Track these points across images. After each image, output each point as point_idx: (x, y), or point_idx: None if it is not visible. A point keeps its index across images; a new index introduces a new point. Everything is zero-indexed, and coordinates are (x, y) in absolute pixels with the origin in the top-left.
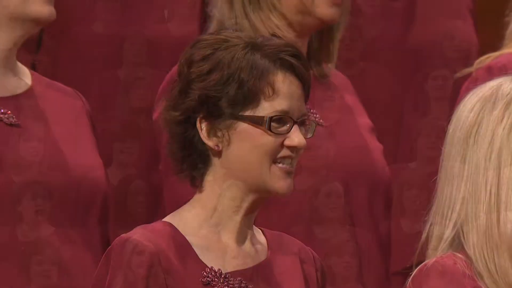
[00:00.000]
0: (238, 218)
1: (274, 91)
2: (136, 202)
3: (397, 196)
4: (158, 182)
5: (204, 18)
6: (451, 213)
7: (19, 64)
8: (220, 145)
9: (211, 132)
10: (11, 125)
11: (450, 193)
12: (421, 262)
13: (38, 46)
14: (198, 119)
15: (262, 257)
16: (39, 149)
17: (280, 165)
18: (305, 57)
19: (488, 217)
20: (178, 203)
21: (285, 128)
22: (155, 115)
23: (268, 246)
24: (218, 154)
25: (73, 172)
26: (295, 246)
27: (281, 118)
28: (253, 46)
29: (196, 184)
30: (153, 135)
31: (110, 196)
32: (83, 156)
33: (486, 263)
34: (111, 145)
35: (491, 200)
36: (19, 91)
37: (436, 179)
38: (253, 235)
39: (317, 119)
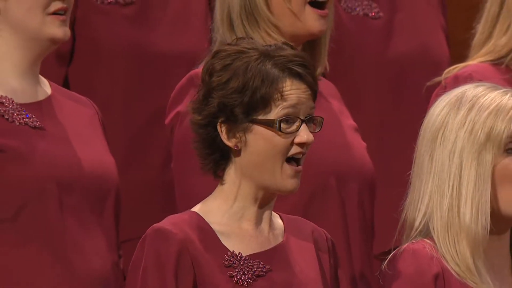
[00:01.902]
0: (255, 207)
1: (282, 96)
2: (152, 195)
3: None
4: (170, 178)
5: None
6: (421, 205)
7: (40, 76)
8: (238, 145)
9: (230, 134)
10: (35, 127)
11: (420, 187)
12: (397, 247)
13: (69, 60)
14: (218, 123)
15: (279, 240)
16: (60, 148)
17: (292, 165)
18: (313, 64)
19: (450, 209)
20: (187, 197)
21: (294, 127)
22: (167, 120)
23: (284, 229)
24: (237, 152)
25: (90, 168)
26: (309, 228)
27: (290, 119)
28: (266, 56)
29: (219, 175)
30: (165, 137)
31: (122, 190)
32: (97, 155)
33: (448, 248)
34: (130, 146)
35: (453, 194)
36: (41, 98)
37: (410, 173)
38: (271, 220)
39: None
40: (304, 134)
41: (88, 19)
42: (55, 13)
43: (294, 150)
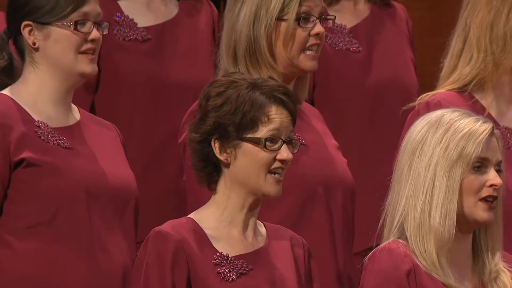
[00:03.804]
0: (242, 214)
1: (268, 119)
2: (166, 202)
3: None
4: (182, 188)
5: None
6: (399, 206)
7: (72, 104)
8: (229, 159)
9: (222, 150)
10: (66, 148)
11: (399, 191)
12: (378, 245)
13: (96, 89)
14: (212, 139)
15: (261, 244)
16: (87, 164)
17: (273, 175)
18: (293, 95)
19: (423, 212)
20: (197, 204)
21: (276, 146)
22: (180, 139)
23: (267, 235)
24: (228, 166)
25: (113, 180)
26: (288, 235)
27: (274, 139)
28: (254, 86)
29: (212, 188)
30: (178, 154)
31: (140, 199)
32: (119, 169)
33: (418, 245)
34: (149, 161)
35: (426, 200)
36: (71, 123)
37: (390, 178)
38: (256, 227)
39: (300, 140)
40: (284, 153)
41: (111, 54)
42: (85, 52)
43: (276, 164)
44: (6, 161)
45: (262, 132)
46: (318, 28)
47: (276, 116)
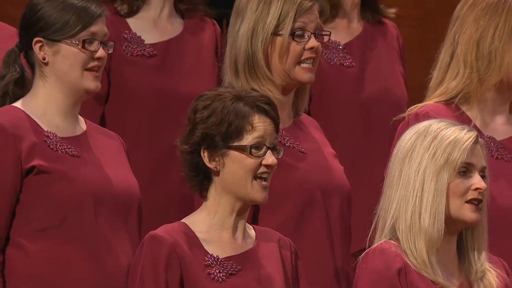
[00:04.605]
0: (232, 218)
1: (252, 127)
2: (171, 206)
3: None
4: (186, 193)
5: (220, 80)
6: (390, 209)
7: (79, 115)
8: (218, 167)
9: (211, 158)
10: (73, 156)
11: (390, 195)
12: (370, 246)
13: (106, 101)
14: (201, 149)
15: (250, 246)
16: (94, 171)
17: (259, 181)
18: (275, 104)
19: (413, 214)
20: None
21: (261, 152)
22: None
23: (255, 237)
24: (217, 173)
25: (117, 186)
26: (276, 237)
27: (258, 146)
28: (238, 97)
29: (203, 195)
30: (182, 162)
31: (143, 203)
32: (123, 176)
33: (409, 245)
34: (154, 168)
35: (416, 203)
36: (78, 133)
37: (382, 184)
38: (245, 230)
39: (299, 148)
40: (269, 158)
41: (120, 68)
42: (91, 69)
43: (262, 169)
44: (18, 169)
45: (247, 139)
46: (312, 42)
47: (260, 124)
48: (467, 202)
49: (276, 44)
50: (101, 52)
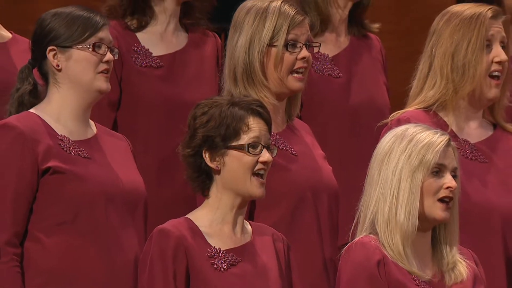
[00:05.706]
0: (232, 213)
1: (248, 128)
2: (176, 205)
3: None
4: (190, 193)
5: (221, 88)
6: (370, 206)
7: (90, 119)
8: (219, 166)
9: (212, 159)
10: (85, 157)
11: (370, 193)
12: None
13: (118, 107)
14: (203, 151)
15: (248, 239)
16: (104, 171)
17: (257, 177)
18: (266, 106)
19: (390, 210)
20: None
21: (258, 150)
22: None
23: (252, 232)
24: (218, 172)
25: (126, 185)
26: (270, 231)
27: (255, 144)
28: (233, 103)
29: (205, 194)
30: None
31: (148, 201)
32: (130, 175)
33: (386, 238)
34: (161, 169)
35: (393, 200)
36: (89, 136)
37: (363, 183)
38: (243, 225)
39: (291, 151)
40: (265, 155)
41: (131, 78)
42: (101, 72)
43: (259, 166)
44: (34, 170)
45: (244, 139)
46: (304, 52)
47: (255, 125)
48: (439, 200)
49: (271, 54)
50: (109, 56)
